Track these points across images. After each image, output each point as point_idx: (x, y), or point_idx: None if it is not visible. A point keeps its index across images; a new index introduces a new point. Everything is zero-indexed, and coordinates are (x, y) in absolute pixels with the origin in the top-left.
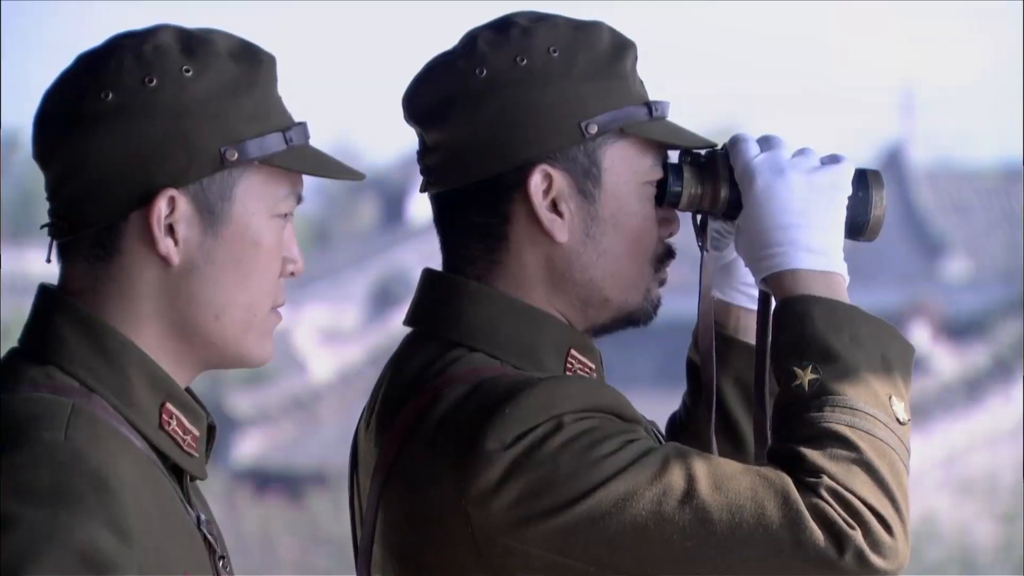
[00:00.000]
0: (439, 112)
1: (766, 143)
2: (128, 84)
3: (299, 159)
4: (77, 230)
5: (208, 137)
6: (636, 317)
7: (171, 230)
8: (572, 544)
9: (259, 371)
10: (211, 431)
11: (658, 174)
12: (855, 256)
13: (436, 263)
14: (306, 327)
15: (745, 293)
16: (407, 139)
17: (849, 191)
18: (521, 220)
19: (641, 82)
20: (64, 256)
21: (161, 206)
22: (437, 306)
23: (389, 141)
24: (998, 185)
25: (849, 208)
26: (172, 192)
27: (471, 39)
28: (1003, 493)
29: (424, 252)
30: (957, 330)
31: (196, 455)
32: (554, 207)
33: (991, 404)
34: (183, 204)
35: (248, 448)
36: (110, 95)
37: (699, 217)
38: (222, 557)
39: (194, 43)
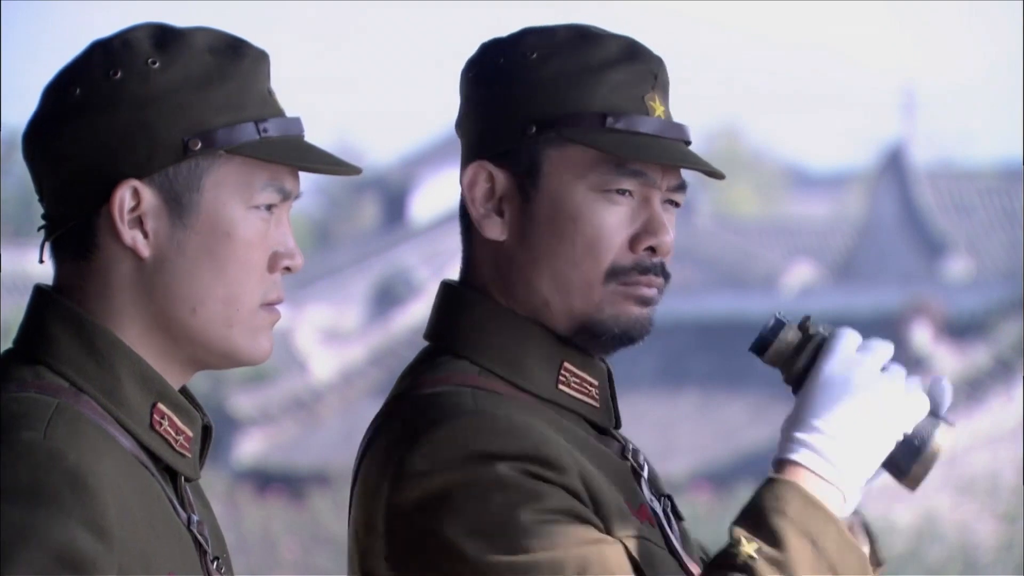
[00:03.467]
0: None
1: (865, 347)
2: (94, 78)
3: (273, 149)
4: (60, 228)
5: (172, 127)
6: (596, 330)
7: (140, 223)
8: None
9: (260, 371)
10: (207, 432)
11: (617, 183)
12: (855, 256)
13: (436, 263)
14: (307, 327)
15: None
16: (407, 139)
17: (908, 431)
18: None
19: (643, 97)
20: (55, 255)
21: (124, 196)
22: (436, 315)
23: (389, 141)
24: (998, 185)
25: (898, 448)
26: (135, 183)
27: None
28: (1004, 493)
29: (425, 252)
30: (958, 330)
31: (188, 455)
32: (500, 205)
33: (992, 404)
34: (148, 195)
35: (249, 448)
36: (77, 90)
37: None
38: (216, 558)
39: (168, 37)
